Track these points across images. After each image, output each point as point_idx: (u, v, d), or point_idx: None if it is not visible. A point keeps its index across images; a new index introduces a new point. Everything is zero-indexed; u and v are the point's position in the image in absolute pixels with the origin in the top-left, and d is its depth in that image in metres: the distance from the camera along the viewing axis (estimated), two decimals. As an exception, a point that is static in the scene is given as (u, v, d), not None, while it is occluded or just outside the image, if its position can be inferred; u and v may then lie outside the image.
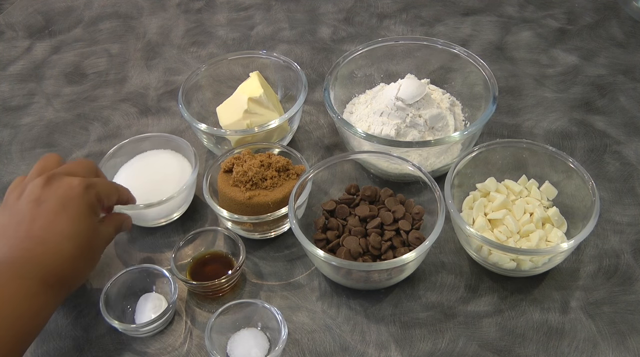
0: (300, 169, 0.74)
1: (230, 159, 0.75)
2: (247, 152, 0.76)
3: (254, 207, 0.71)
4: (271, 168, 0.73)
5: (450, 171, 0.71)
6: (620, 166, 0.82)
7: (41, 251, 0.56)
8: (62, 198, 0.59)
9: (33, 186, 0.60)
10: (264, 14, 1.11)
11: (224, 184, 0.73)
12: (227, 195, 0.72)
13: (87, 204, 0.60)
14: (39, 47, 1.07)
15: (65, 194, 0.59)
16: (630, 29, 1.04)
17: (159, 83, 0.99)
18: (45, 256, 0.56)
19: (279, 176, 0.73)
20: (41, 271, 0.55)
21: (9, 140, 0.91)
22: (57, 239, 0.57)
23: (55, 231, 0.57)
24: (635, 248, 0.73)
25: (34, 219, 0.57)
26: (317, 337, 0.67)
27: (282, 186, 0.73)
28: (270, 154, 0.75)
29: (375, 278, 0.67)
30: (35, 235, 0.56)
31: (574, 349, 0.65)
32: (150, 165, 0.79)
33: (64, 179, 0.61)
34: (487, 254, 0.68)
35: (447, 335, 0.67)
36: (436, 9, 1.10)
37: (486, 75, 0.81)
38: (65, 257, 0.57)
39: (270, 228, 0.74)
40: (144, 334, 0.67)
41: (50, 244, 0.57)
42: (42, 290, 0.55)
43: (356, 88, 0.88)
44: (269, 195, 0.71)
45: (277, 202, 0.71)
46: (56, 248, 0.57)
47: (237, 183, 0.72)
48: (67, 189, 0.60)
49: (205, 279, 0.69)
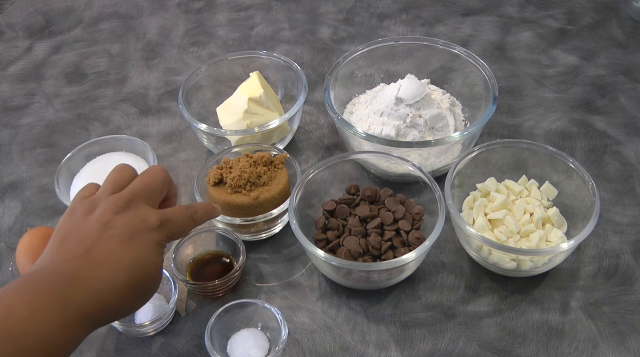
0: (282, 158, 0.75)
1: (215, 171, 0.73)
2: (226, 160, 0.74)
3: (262, 205, 0.71)
4: (259, 164, 0.73)
5: (450, 171, 0.71)
6: (620, 166, 0.82)
7: (93, 274, 0.52)
8: (132, 230, 0.55)
9: (106, 209, 0.56)
10: (264, 14, 1.11)
11: (222, 195, 0.72)
12: (231, 203, 0.71)
13: (156, 241, 0.56)
14: (39, 47, 1.07)
15: (137, 227, 0.55)
16: (630, 29, 1.04)
17: (159, 83, 0.99)
18: (95, 280, 0.52)
19: (268, 170, 0.74)
20: (85, 299, 0.51)
21: (9, 140, 0.91)
22: (114, 267, 0.53)
23: (114, 258, 0.53)
24: (635, 248, 0.73)
25: (97, 241, 0.54)
26: (317, 338, 0.67)
27: (276, 177, 0.73)
28: (248, 154, 0.75)
29: (375, 278, 0.67)
30: (92, 257, 0.53)
31: (574, 349, 0.65)
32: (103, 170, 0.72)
33: (140, 210, 0.57)
34: (487, 254, 0.68)
35: (447, 335, 0.67)
36: (436, 9, 1.10)
37: (486, 76, 0.81)
38: (115, 287, 0.53)
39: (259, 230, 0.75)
40: (144, 334, 0.67)
41: (105, 270, 0.53)
42: (79, 321, 0.51)
43: (356, 88, 0.88)
44: (271, 189, 0.72)
45: (282, 194, 0.72)
46: (109, 276, 0.53)
47: (237, 188, 0.72)
48: (140, 223, 0.56)
49: (205, 279, 0.69)
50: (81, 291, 0.51)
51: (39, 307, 0.49)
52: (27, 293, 0.49)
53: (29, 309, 0.48)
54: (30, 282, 0.51)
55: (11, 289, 0.49)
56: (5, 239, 0.78)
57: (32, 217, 0.80)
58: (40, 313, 0.48)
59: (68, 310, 0.50)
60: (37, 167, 0.87)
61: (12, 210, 0.82)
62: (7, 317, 0.47)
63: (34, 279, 0.52)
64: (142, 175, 0.60)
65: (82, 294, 0.51)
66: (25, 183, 0.85)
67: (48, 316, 0.49)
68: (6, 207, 0.82)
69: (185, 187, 0.82)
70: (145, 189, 0.58)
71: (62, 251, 0.54)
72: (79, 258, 0.53)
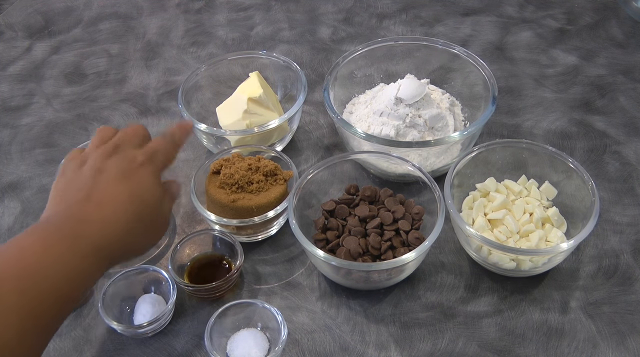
0: (288, 175, 0.74)
1: (219, 161, 0.75)
2: (237, 154, 0.75)
3: (237, 211, 0.71)
4: (259, 172, 0.73)
5: (450, 171, 0.71)
6: (620, 166, 0.82)
7: (97, 213, 0.55)
8: (124, 170, 0.59)
9: (96, 157, 0.60)
10: (263, 14, 1.11)
11: (211, 186, 0.73)
12: (212, 196, 0.72)
13: (149, 174, 0.60)
14: (39, 47, 1.07)
15: (128, 166, 0.59)
16: (630, 29, 1.04)
17: (159, 83, 0.99)
18: (100, 218, 0.55)
19: (265, 181, 0.73)
20: (95, 233, 0.54)
21: (9, 140, 0.91)
22: (115, 205, 0.56)
23: (114, 196, 0.57)
24: (635, 248, 0.73)
25: (94, 186, 0.57)
26: (317, 338, 0.67)
27: (267, 190, 0.72)
28: (260, 158, 0.75)
29: (375, 278, 0.67)
30: (93, 200, 0.56)
31: (573, 349, 0.65)
32: None
33: (127, 151, 0.60)
34: (487, 254, 0.68)
35: (447, 335, 0.67)
36: (436, 9, 1.10)
37: (486, 76, 0.81)
38: (120, 220, 0.56)
39: (255, 232, 0.74)
40: (143, 334, 0.67)
41: (108, 208, 0.56)
42: (93, 252, 0.53)
43: (356, 88, 0.88)
44: (253, 199, 0.71)
45: (261, 207, 0.71)
46: (113, 214, 0.56)
47: (223, 185, 0.72)
48: (129, 162, 0.59)
49: (204, 281, 0.69)
50: (89, 226, 0.54)
51: (52, 243, 0.51)
52: (39, 234, 0.52)
53: (42, 245, 0.51)
54: (39, 227, 0.54)
55: (21, 235, 0.52)
56: (5, 239, 0.78)
57: (32, 218, 0.80)
58: (53, 247, 0.51)
59: (80, 243, 0.53)
60: (37, 168, 0.87)
61: (12, 210, 0.82)
62: (22, 257, 0.49)
63: (42, 225, 0.55)
64: (124, 129, 0.64)
65: (90, 229, 0.54)
66: (24, 183, 0.85)
67: (61, 249, 0.51)
68: (6, 208, 0.82)
69: (185, 188, 0.82)
70: (128, 138, 0.62)
71: (63, 202, 0.57)
72: (80, 202, 0.56)
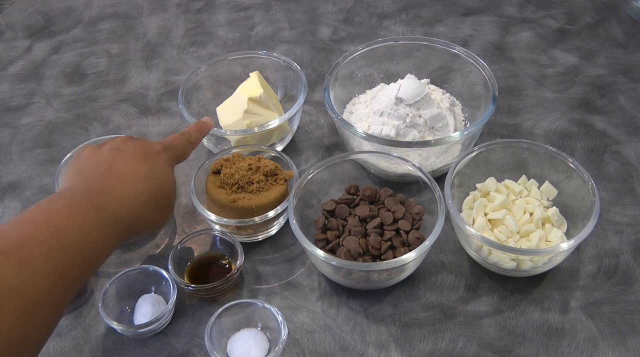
0: (288, 175, 0.74)
1: (219, 161, 0.75)
2: (237, 154, 0.75)
3: (238, 210, 0.71)
4: (259, 172, 0.73)
5: (450, 171, 0.71)
6: (620, 166, 0.82)
7: (118, 186, 0.58)
8: (142, 152, 0.62)
9: (113, 141, 0.63)
10: (264, 14, 1.11)
11: (211, 185, 0.73)
12: (213, 196, 0.72)
13: (165, 161, 0.63)
14: (39, 47, 1.07)
15: (146, 149, 0.62)
16: (630, 29, 1.04)
17: (159, 83, 0.99)
18: (121, 191, 0.58)
19: (266, 181, 0.73)
20: (115, 204, 0.56)
21: (9, 140, 0.91)
22: (134, 177, 0.59)
23: (133, 170, 0.59)
24: (635, 248, 0.73)
25: (114, 161, 0.60)
26: (317, 338, 0.67)
27: (267, 190, 0.72)
28: (260, 158, 0.75)
29: (375, 278, 0.67)
30: (113, 173, 0.59)
31: (573, 349, 0.65)
32: None
33: (145, 139, 0.65)
34: (487, 254, 0.68)
35: (447, 335, 0.67)
36: (436, 9, 1.10)
37: (486, 75, 0.81)
38: (138, 194, 0.58)
39: (255, 232, 0.74)
40: (143, 334, 0.67)
41: (127, 181, 0.58)
42: (113, 224, 0.55)
43: (356, 88, 0.88)
44: (253, 199, 0.71)
45: (261, 207, 0.71)
46: (132, 186, 0.58)
47: (223, 185, 0.72)
48: (147, 147, 0.63)
49: (204, 281, 0.69)
50: (110, 197, 0.57)
51: (76, 210, 0.54)
52: (64, 200, 0.55)
53: (68, 211, 0.53)
54: (64, 195, 0.56)
55: (48, 200, 0.54)
56: (5, 239, 0.78)
57: (32, 218, 0.80)
58: (78, 215, 0.53)
59: (102, 212, 0.55)
60: (37, 167, 0.87)
61: (12, 210, 0.82)
62: (50, 218, 0.52)
63: (68, 193, 0.57)
64: None
65: (111, 200, 0.56)
66: (25, 183, 0.85)
67: (85, 216, 0.54)
68: (6, 207, 0.82)
69: (185, 188, 0.82)
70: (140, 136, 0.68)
71: (82, 176, 0.60)
72: (101, 175, 0.59)
